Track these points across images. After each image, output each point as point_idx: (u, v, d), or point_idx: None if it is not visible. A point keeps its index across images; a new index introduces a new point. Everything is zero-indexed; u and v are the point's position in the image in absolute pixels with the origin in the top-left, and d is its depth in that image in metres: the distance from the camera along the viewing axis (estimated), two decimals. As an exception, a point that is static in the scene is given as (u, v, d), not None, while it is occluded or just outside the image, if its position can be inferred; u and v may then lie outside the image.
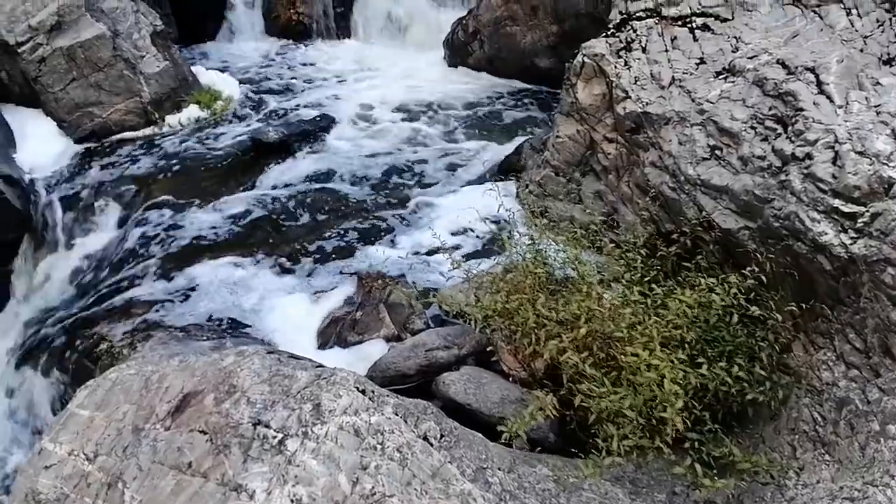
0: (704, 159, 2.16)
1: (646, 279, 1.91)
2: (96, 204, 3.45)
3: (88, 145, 4.13)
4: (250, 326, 2.49)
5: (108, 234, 3.30)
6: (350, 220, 3.29)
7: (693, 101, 2.39)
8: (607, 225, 2.61)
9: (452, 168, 3.86)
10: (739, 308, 1.69)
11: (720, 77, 2.42)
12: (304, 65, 6.43)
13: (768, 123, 2.01)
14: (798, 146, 1.85)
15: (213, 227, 3.20)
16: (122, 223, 3.33)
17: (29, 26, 3.97)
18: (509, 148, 4.11)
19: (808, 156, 1.81)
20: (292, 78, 5.99)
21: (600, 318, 1.63)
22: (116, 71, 4.14)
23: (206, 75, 5.33)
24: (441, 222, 3.16)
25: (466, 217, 3.15)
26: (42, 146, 4.00)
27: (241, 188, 3.59)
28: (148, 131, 4.33)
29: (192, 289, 2.74)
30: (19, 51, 3.96)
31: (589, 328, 1.63)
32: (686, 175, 2.16)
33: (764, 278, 1.74)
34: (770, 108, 2.03)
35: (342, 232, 3.17)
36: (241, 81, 5.61)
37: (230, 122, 4.63)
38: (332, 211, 3.38)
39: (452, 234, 3.01)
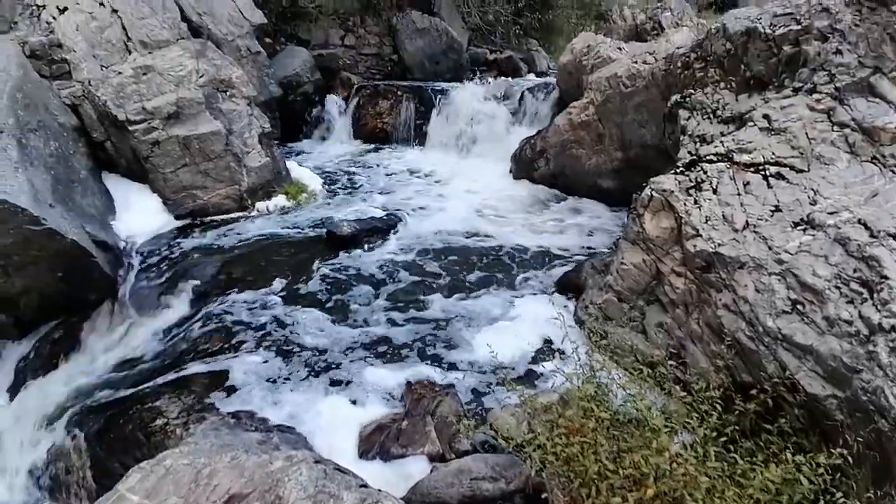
0: (785, 312, 2.06)
1: (721, 438, 1.76)
2: (179, 278, 3.72)
3: (186, 222, 4.61)
4: (296, 422, 2.47)
5: (183, 308, 3.51)
6: (404, 323, 3.33)
7: (770, 248, 2.36)
8: (673, 362, 2.48)
9: (512, 279, 3.91)
10: (826, 493, 1.51)
11: (798, 228, 2.39)
12: (382, 167, 7.05)
13: (853, 286, 1.92)
14: (885, 316, 1.75)
15: (276, 315, 3.34)
16: (197, 300, 3.55)
17: (143, 108, 4.45)
18: (569, 264, 4.15)
19: (894, 328, 1.70)
20: (370, 178, 6.55)
21: (671, 480, 1.49)
22: (224, 162, 4.72)
23: (297, 170, 5.95)
24: (496, 335, 3.13)
25: (523, 333, 3.13)
26: (145, 219, 4.47)
27: (309, 278, 3.78)
28: (239, 215, 4.80)
29: (246, 374, 2.80)
30: (131, 128, 4.38)
31: (657, 489, 1.49)
32: (765, 326, 2.07)
33: (850, 458, 1.57)
34: (855, 271, 1.96)
35: (395, 335, 3.20)
36: (325, 177, 6.22)
37: (311, 213, 5.04)
38: (387, 312, 3.45)
39: (507, 349, 2.95)
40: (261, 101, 5.77)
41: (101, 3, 5.26)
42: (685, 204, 2.90)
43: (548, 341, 3.02)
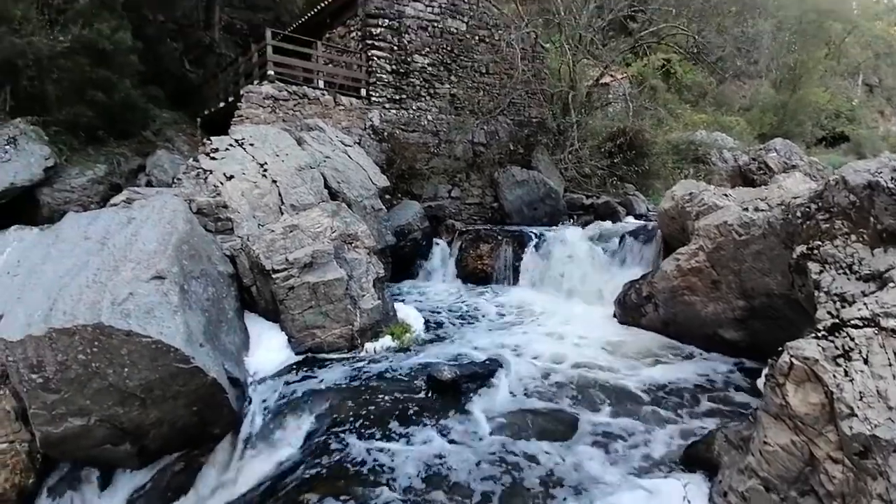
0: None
1: None
2: (292, 418, 3.89)
3: (303, 359, 4.96)
4: None
5: (293, 451, 3.61)
6: (506, 495, 3.04)
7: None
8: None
9: (629, 448, 3.49)
10: None
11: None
12: (483, 307, 7.21)
13: None
14: None
15: (376, 470, 3.28)
16: (306, 442, 3.65)
17: (286, 259, 5.15)
18: (694, 430, 3.68)
19: None
20: (470, 318, 6.70)
21: None
22: (342, 305, 5.19)
23: (403, 310, 6.31)
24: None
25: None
26: (271, 355, 4.90)
27: (410, 431, 3.70)
28: (349, 354, 5.09)
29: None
30: (273, 276, 5.06)
31: None
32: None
33: None
34: None
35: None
36: (428, 317, 6.49)
37: (414, 354, 5.19)
38: (486, 481, 3.19)
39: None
40: (378, 249, 6.45)
41: (264, 175, 6.59)
42: (835, 376, 2.55)
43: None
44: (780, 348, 2.89)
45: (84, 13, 9.77)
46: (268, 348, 4.92)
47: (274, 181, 6.13)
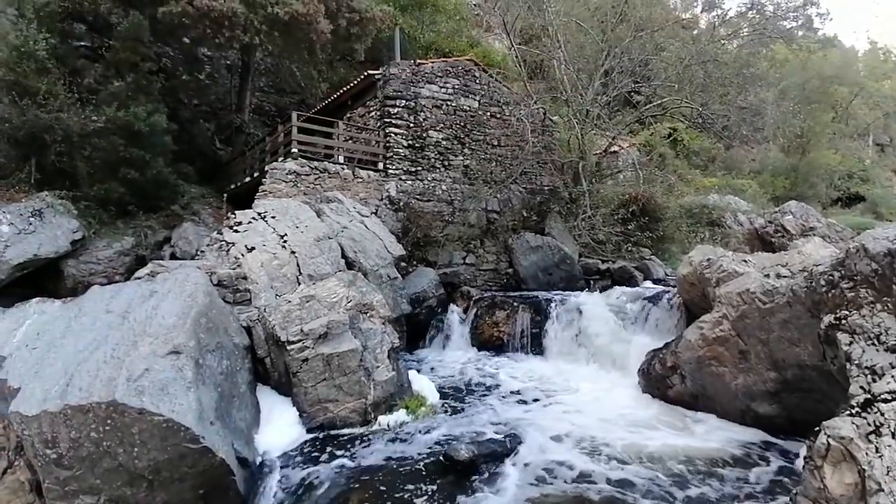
0: None
1: None
2: (304, 499, 3.71)
3: (315, 436, 4.79)
4: None
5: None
6: None
7: None
8: None
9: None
10: None
11: None
12: (499, 377, 7.00)
13: None
14: None
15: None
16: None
17: (301, 330, 5.08)
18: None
19: None
20: (487, 389, 6.49)
21: None
22: (356, 377, 5.10)
23: (417, 380, 6.14)
24: None
25: None
26: (282, 432, 4.74)
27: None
28: (362, 430, 4.92)
29: None
30: (288, 347, 4.99)
31: None
32: None
33: None
34: None
35: None
36: (443, 387, 6.30)
37: (429, 431, 4.98)
38: None
39: None
40: (393, 318, 6.42)
41: (284, 246, 6.77)
42: (867, 454, 2.41)
43: None
44: (816, 428, 2.73)
45: (119, 95, 10.22)
46: (279, 424, 4.78)
47: (293, 252, 6.29)
